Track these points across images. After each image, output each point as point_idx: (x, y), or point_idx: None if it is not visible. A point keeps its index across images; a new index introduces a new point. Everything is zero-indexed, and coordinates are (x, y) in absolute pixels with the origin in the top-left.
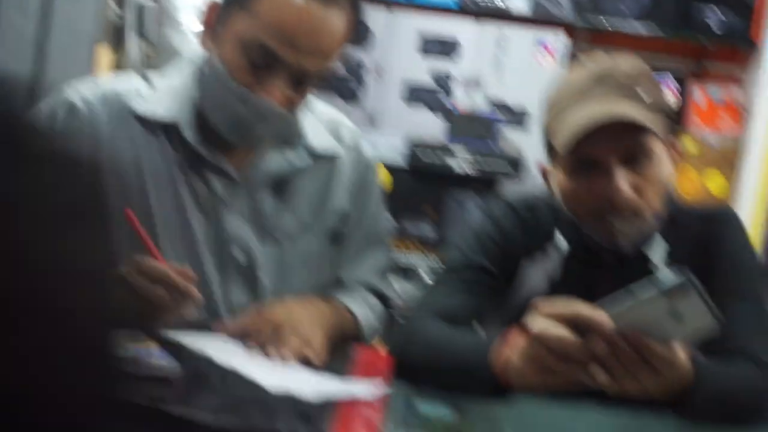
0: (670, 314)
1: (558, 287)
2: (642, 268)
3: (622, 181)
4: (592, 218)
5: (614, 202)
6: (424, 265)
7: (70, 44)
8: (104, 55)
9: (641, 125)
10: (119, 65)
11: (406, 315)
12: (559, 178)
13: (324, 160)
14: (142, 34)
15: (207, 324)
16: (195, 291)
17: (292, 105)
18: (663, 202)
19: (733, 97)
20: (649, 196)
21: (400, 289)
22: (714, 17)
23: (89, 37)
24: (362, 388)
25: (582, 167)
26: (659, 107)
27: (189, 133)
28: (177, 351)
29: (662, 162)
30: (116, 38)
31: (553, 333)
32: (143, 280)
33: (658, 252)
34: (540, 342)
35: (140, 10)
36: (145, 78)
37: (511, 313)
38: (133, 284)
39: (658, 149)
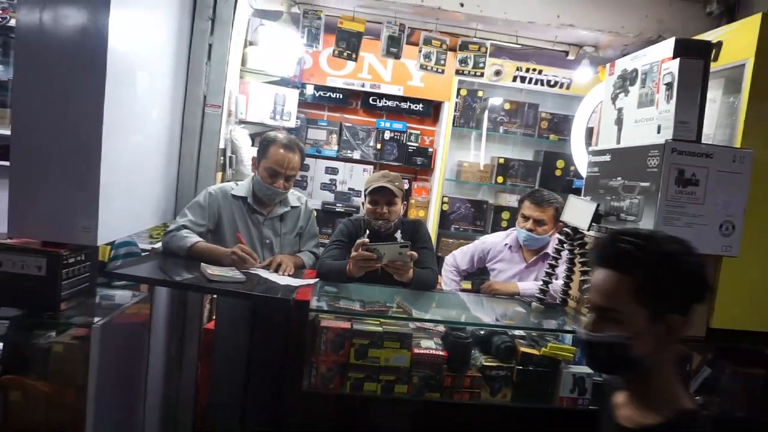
0: (399, 252)
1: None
2: (393, 239)
3: (385, 209)
4: (373, 221)
5: (380, 216)
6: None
7: (207, 171)
8: (218, 176)
9: (394, 192)
10: (224, 179)
11: (320, 259)
12: (366, 207)
13: (295, 209)
14: (231, 166)
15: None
16: (257, 257)
17: (285, 189)
18: (398, 218)
19: (427, 186)
20: (393, 216)
21: (321, 251)
22: (419, 159)
23: (213, 168)
24: (307, 281)
25: (373, 202)
26: (401, 188)
27: (250, 201)
28: (245, 273)
29: (399, 205)
30: (222, 168)
31: (359, 253)
32: (244, 254)
33: (398, 234)
34: (355, 257)
35: (230, 158)
36: (234, 182)
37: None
38: (239, 255)
39: (399, 201)
